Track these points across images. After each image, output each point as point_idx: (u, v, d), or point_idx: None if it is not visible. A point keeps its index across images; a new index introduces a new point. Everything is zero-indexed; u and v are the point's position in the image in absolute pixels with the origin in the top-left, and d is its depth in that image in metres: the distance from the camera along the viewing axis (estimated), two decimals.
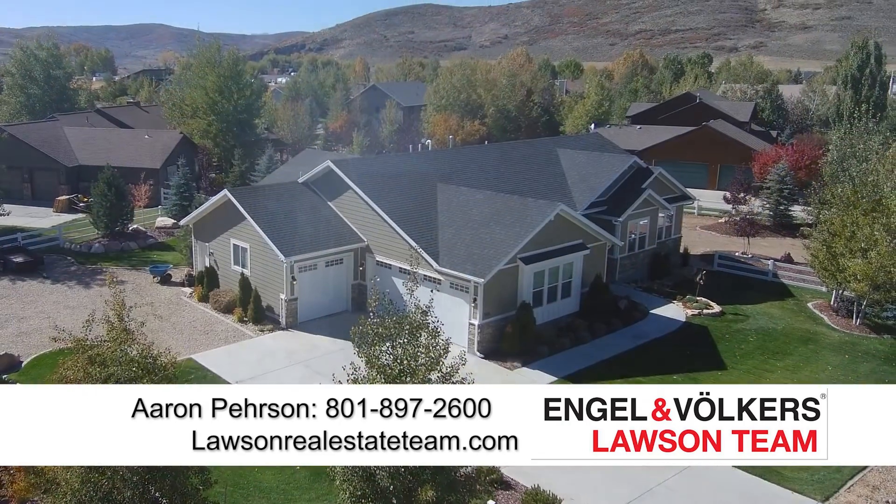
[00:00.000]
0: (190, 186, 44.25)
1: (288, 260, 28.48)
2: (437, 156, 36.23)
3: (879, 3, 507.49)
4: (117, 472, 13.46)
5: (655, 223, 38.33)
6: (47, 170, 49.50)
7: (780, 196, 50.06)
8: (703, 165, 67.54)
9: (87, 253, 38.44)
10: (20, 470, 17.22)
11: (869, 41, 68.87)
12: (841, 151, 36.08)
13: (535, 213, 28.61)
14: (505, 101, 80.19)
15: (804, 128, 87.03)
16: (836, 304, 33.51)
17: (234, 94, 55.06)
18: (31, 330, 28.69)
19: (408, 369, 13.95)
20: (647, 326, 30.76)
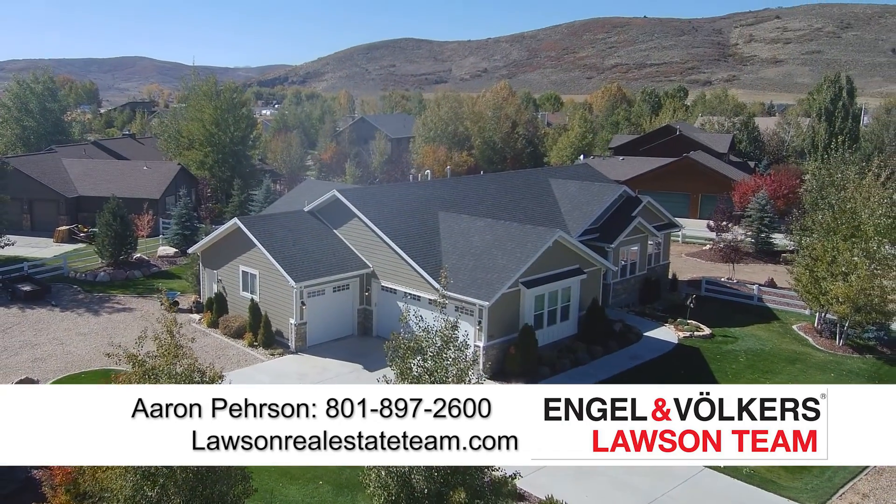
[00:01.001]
0: (191, 216, 45.20)
1: (298, 285, 29.51)
2: (437, 185, 37.57)
3: (848, 37, 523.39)
4: (169, 479, 14.37)
5: (645, 250, 39.87)
6: (47, 201, 50.23)
7: (761, 224, 51.97)
8: (685, 195, 69.65)
9: (93, 281, 39.15)
10: (62, 482, 17.94)
11: (841, 75, 71.80)
12: (819, 180, 37.98)
13: (535, 238, 29.95)
14: (491, 133, 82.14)
15: (780, 158, 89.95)
16: (820, 325, 35.07)
17: (230, 127, 56.28)
18: (45, 356, 29.35)
19: (439, 381, 15.04)
20: (642, 348, 32.06)
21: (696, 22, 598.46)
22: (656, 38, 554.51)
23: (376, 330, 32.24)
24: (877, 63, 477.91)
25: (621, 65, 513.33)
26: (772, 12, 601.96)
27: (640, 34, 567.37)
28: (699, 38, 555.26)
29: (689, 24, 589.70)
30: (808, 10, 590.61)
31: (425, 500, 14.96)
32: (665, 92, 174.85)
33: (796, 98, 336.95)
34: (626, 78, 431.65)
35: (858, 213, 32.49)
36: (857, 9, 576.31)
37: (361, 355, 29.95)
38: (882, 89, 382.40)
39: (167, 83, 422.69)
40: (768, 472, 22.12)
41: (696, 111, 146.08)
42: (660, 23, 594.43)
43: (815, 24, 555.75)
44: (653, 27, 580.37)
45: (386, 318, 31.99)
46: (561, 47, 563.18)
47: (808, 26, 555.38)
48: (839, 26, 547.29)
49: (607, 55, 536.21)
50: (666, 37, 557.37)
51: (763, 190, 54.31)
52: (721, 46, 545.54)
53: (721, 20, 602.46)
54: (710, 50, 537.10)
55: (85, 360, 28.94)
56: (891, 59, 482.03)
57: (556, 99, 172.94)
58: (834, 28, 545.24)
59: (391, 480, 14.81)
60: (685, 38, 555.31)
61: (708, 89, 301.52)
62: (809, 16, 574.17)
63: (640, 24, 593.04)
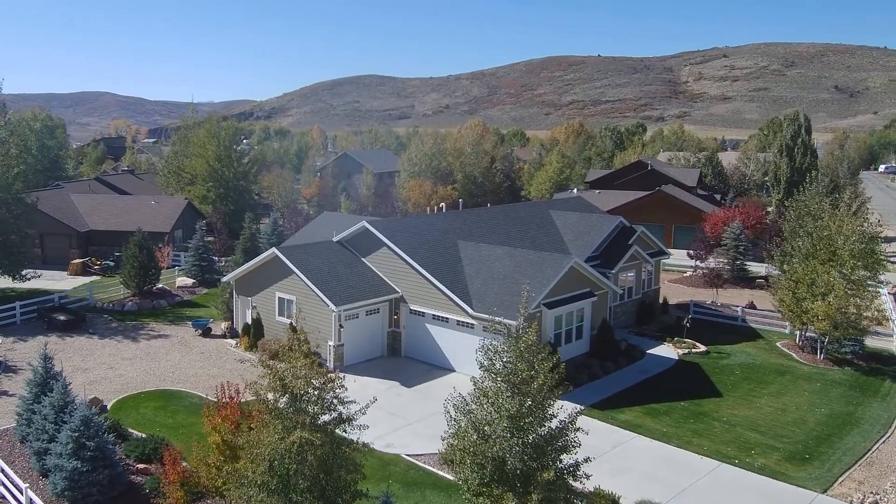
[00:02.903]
0: (207, 249, 47.22)
1: (338, 309, 31.94)
2: (451, 217, 40.42)
3: (793, 75, 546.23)
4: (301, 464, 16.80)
5: (640, 275, 43.25)
6: (58, 234, 51.62)
7: (736, 252, 56.01)
8: (660, 226, 73.74)
9: (122, 311, 40.88)
10: (175, 480, 20.01)
11: (799, 114, 77.21)
12: (797, 211, 41.97)
13: (553, 264, 32.96)
14: (471, 167, 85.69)
15: (743, 191, 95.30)
16: (802, 342, 38.66)
17: (234, 163, 58.51)
18: (98, 379, 31.10)
19: (528, 378, 17.70)
20: (648, 364, 35.13)
21: (647, 60, 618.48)
22: (610, 76, 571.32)
23: (405, 351, 34.76)
24: (821, 99, 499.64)
25: (578, 101, 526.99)
26: (719, 51, 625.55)
27: (595, 72, 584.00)
28: (651, 76, 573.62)
29: (641, 63, 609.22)
30: (753, 49, 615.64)
31: (515, 479, 17.56)
32: (626, 128, 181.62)
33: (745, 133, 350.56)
34: (583, 114, 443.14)
35: (834, 240, 36.33)
36: (801, 48, 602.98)
37: (395, 373, 32.42)
38: (827, 124, 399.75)
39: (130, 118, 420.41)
40: (777, 465, 25.18)
41: (655, 146, 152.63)
42: (613, 61, 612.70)
43: (761, 63, 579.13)
44: (607, 65, 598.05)
45: (414, 339, 34.57)
46: (519, 84, 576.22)
47: (755, 64, 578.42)
48: (784, 64, 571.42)
49: (564, 92, 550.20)
50: (619, 74, 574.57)
51: (737, 220, 58.46)
52: (672, 84, 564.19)
53: (671, 59, 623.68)
54: (662, 87, 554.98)
55: (138, 381, 30.81)
56: (833, 96, 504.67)
57: (521, 135, 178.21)
58: (779, 66, 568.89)
59: (487, 462, 17.33)
60: (638, 76, 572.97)
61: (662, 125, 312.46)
62: (755, 54, 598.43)
63: (595, 63, 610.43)
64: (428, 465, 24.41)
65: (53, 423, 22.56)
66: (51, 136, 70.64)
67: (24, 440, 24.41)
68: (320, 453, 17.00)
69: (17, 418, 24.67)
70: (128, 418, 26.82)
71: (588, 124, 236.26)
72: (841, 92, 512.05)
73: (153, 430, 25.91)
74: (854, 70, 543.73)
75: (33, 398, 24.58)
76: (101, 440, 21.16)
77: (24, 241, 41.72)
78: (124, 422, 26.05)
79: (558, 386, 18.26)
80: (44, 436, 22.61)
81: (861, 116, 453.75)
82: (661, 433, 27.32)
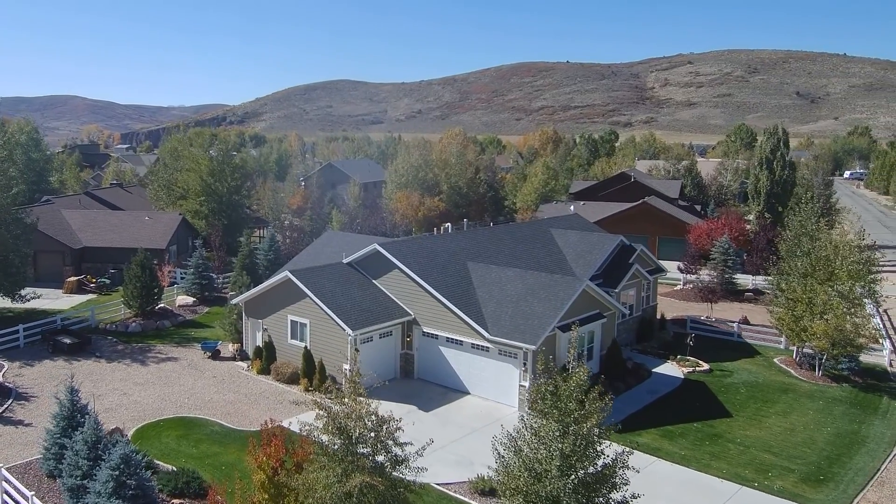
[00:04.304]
0: (207, 267, 46.87)
1: (354, 333, 32.06)
2: (458, 238, 40.65)
3: (756, 81, 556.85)
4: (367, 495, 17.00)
5: (640, 293, 44.01)
6: (52, 252, 50.77)
7: (725, 266, 57.18)
8: (643, 238, 74.84)
9: (126, 332, 40.43)
10: None
11: (778, 127, 79.02)
12: (794, 230, 43.12)
13: (565, 287, 33.47)
14: (456, 178, 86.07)
15: (721, 202, 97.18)
16: (799, 359, 39.70)
17: (227, 177, 58.13)
18: (114, 406, 30.80)
19: (580, 418, 18.06)
20: (656, 383, 35.81)
21: (615, 67, 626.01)
22: (579, 82, 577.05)
23: (418, 373, 34.99)
24: (783, 105, 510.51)
25: (548, 107, 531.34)
26: (684, 57, 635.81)
27: (564, 78, 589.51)
28: (618, 82, 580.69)
29: (609, 69, 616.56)
30: (718, 55, 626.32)
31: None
32: (600, 136, 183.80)
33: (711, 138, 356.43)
34: (553, 119, 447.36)
35: (832, 260, 37.44)
36: (764, 54, 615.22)
37: (411, 396, 32.63)
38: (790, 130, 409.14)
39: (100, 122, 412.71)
40: (794, 487, 25.95)
41: (628, 151, 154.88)
42: (581, 67, 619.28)
43: (725, 69, 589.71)
44: (575, 71, 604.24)
45: (427, 361, 34.82)
46: (490, 90, 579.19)
47: (719, 71, 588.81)
48: (747, 71, 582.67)
49: (534, 98, 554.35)
50: (588, 80, 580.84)
51: (725, 235, 59.71)
52: (639, 90, 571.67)
53: (638, 65, 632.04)
54: (629, 93, 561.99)
55: (154, 408, 30.58)
56: (795, 102, 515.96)
57: (498, 142, 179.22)
58: (742, 72, 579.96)
59: (541, 501, 17.67)
60: (605, 82, 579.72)
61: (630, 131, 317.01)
62: (719, 61, 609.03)
63: (564, 69, 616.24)
64: (459, 493, 24.68)
65: (87, 458, 22.39)
66: (36, 148, 69.41)
67: (52, 475, 24.18)
68: (379, 496, 17.20)
69: (45, 452, 24.40)
70: (152, 448, 26.65)
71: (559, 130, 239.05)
72: (802, 98, 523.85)
73: (179, 461, 25.81)
74: (815, 76, 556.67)
75: (61, 432, 24.37)
76: (141, 477, 21.07)
77: (23, 262, 41.09)
78: (149, 452, 25.88)
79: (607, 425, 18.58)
80: (77, 472, 22.43)
81: (822, 122, 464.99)
82: (681, 456, 27.95)
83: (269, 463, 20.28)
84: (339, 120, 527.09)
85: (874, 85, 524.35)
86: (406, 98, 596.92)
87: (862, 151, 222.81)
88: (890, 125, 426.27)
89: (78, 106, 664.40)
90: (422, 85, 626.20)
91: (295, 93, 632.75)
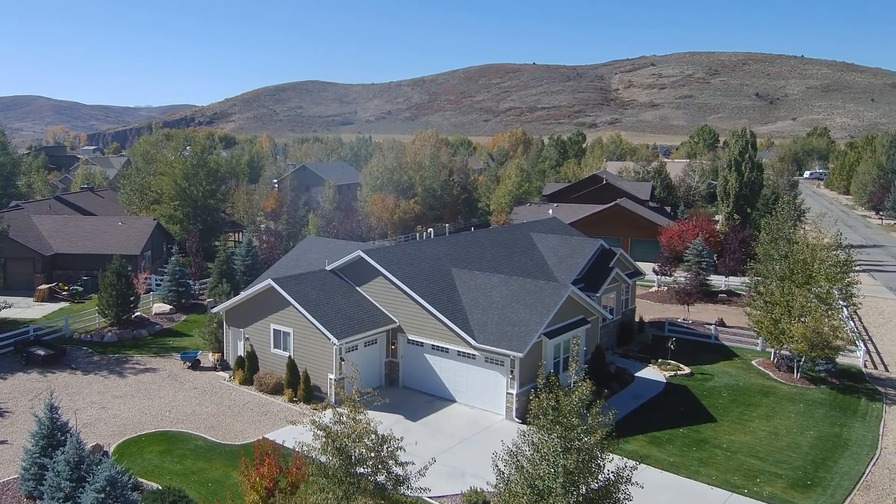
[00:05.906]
0: (184, 273, 45.87)
1: (339, 342, 31.60)
2: (440, 243, 40.34)
3: (716, 83, 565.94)
4: None
5: (620, 296, 44.20)
6: (21, 259, 49.22)
7: (699, 268, 57.79)
8: (616, 239, 75.44)
9: (102, 342, 39.34)
10: None
11: (746, 130, 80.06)
12: (770, 234, 43.65)
13: (550, 294, 33.39)
14: (431, 180, 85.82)
15: (690, 203, 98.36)
16: (777, 361, 40.21)
17: (202, 181, 57.01)
18: (93, 420, 29.92)
19: (585, 433, 17.90)
20: (640, 388, 35.94)
21: (580, 68, 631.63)
22: (545, 84, 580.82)
23: (403, 381, 34.65)
24: (743, 106, 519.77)
25: (515, 108, 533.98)
26: (647, 59, 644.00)
27: (531, 79, 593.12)
28: (583, 84, 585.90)
29: (574, 71, 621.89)
30: (679, 57, 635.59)
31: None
32: (569, 138, 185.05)
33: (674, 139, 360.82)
34: (521, 121, 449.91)
35: (810, 264, 37.98)
36: (724, 56, 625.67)
37: (398, 406, 32.24)
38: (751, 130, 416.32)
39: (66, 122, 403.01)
40: (784, 493, 26.18)
41: (596, 152, 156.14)
42: (547, 69, 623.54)
43: (687, 71, 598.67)
44: (541, 73, 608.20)
45: (412, 369, 34.49)
46: (459, 91, 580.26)
47: (681, 72, 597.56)
48: (708, 73, 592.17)
49: (502, 99, 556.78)
50: (554, 82, 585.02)
51: (699, 237, 60.36)
52: (603, 91, 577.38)
53: (602, 67, 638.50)
54: (594, 95, 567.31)
55: (135, 423, 29.77)
56: (755, 103, 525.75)
57: (468, 143, 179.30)
58: (704, 74, 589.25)
59: None
60: (571, 84, 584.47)
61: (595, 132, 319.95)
62: (681, 63, 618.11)
63: (530, 71, 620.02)
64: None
65: (69, 479, 21.65)
66: (3, 151, 67.42)
67: (31, 496, 23.36)
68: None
69: (24, 472, 23.56)
70: (134, 465, 25.91)
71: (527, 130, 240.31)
72: (762, 99, 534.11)
73: (163, 478, 25.14)
74: (773, 78, 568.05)
75: (40, 451, 23.55)
76: (127, 499, 20.41)
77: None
78: (132, 470, 25.13)
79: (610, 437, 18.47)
80: (59, 494, 21.66)
81: (781, 122, 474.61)
82: (670, 463, 28.04)
83: (262, 483, 19.84)
84: (309, 121, 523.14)
85: (831, 86, 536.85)
86: (376, 99, 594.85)
87: (821, 152, 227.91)
88: (846, 125, 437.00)
89: (42, 106, 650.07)
90: (391, 86, 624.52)
91: (264, 93, 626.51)
